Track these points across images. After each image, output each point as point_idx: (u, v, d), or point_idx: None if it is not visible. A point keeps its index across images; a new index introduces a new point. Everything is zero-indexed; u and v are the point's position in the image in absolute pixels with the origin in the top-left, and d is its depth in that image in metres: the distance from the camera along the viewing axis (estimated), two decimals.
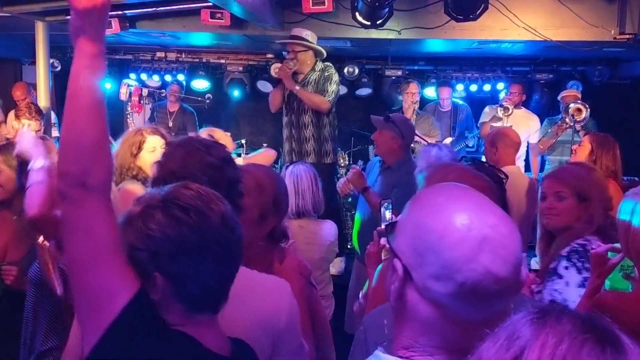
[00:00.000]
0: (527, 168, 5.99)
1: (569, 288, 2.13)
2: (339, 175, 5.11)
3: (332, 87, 4.76)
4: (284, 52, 4.97)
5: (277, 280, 1.64)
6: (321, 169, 4.76)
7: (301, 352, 1.63)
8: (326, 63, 4.97)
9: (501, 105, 5.59)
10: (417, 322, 0.90)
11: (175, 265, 1.14)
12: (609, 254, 2.00)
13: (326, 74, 4.80)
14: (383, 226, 2.73)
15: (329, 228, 3.17)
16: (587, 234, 2.23)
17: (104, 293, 1.11)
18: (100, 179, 1.15)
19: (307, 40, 4.78)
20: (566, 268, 2.17)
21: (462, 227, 0.86)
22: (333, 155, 4.98)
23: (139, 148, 2.84)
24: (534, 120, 5.97)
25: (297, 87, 4.74)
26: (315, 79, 4.81)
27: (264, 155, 4.15)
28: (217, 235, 1.16)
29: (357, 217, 3.81)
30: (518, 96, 5.90)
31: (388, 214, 2.81)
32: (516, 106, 5.79)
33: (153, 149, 2.83)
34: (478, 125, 6.14)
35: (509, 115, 5.45)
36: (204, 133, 3.60)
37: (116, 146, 2.89)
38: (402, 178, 3.48)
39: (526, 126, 5.74)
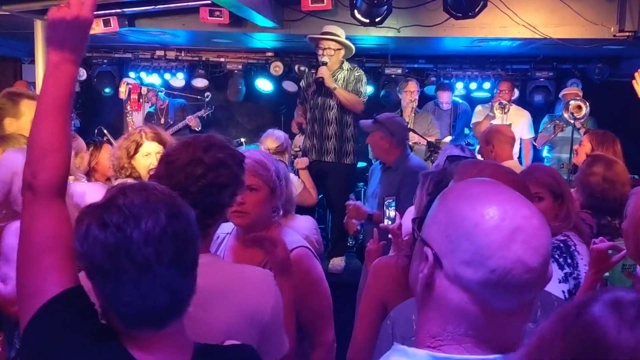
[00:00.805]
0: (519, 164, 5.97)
1: (551, 283, 2.14)
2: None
3: (365, 88, 4.75)
4: (318, 49, 4.81)
5: (262, 273, 1.63)
6: (340, 168, 4.76)
7: (282, 348, 1.63)
8: (352, 64, 4.90)
9: (501, 104, 5.57)
10: (446, 309, 0.91)
11: (94, 282, 1.10)
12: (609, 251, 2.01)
13: (356, 73, 4.73)
14: (386, 223, 2.73)
15: (304, 223, 3.03)
16: (565, 230, 2.28)
17: (32, 289, 1.17)
18: (46, 181, 1.20)
19: (341, 39, 4.70)
20: None
21: (497, 216, 0.88)
22: (353, 157, 4.85)
23: (135, 150, 2.91)
24: (526, 116, 5.96)
25: (335, 86, 4.63)
26: (345, 78, 4.71)
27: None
28: (134, 256, 1.05)
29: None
30: (508, 93, 5.89)
31: (392, 212, 2.81)
32: (508, 103, 5.78)
33: (147, 154, 2.90)
34: (471, 125, 6.13)
35: (507, 112, 5.44)
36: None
37: (119, 141, 3.00)
38: (405, 177, 3.48)
39: (519, 122, 5.73)
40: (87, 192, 2.59)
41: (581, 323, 0.73)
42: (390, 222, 2.71)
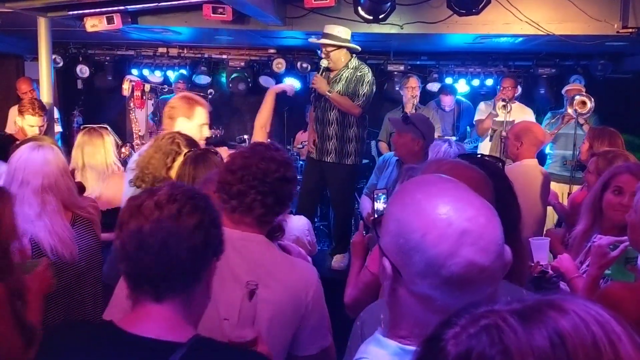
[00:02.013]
0: None
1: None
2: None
3: (364, 89, 4.53)
4: (318, 51, 4.77)
5: (306, 263, 1.88)
6: (340, 169, 4.70)
7: (324, 340, 1.78)
8: (360, 62, 4.77)
9: (504, 100, 5.56)
10: (410, 315, 0.94)
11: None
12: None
13: (359, 73, 4.57)
14: (375, 216, 2.74)
15: (296, 222, 3.04)
16: None
17: None
18: None
19: (339, 38, 4.57)
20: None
21: (441, 223, 0.89)
22: (355, 157, 4.72)
23: (174, 160, 2.78)
24: (529, 113, 5.94)
25: (329, 93, 4.56)
26: (348, 77, 4.58)
27: None
28: (127, 251, 1.19)
29: None
30: (511, 90, 5.87)
31: (380, 205, 2.81)
32: (510, 100, 5.78)
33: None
34: (474, 122, 6.11)
35: (509, 111, 5.43)
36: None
37: (146, 148, 2.88)
38: None
39: (521, 119, 5.71)
40: None
41: None
42: (377, 215, 2.73)
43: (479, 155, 2.14)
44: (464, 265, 0.87)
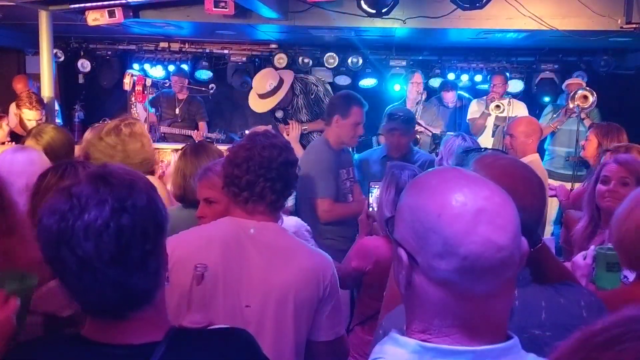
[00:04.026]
0: None
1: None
2: None
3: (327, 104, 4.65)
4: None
5: (319, 250, 1.94)
6: None
7: (339, 327, 1.85)
8: (299, 76, 4.83)
9: (498, 102, 5.57)
10: (429, 304, 0.92)
11: (50, 267, 1.08)
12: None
13: (311, 96, 4.67)
14: (373, 204, 2.78)
15: (289, 221, 3.05)
16: None
17: None
18: None
19: (275, 88, 4.63)
20: None
21: (457, 203, 0.89)
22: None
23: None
24: (522, 107, 5.94)
25: (304, 128, 4.67)
26: (303, 104, 4.68)
27: None
28: (73, 249, 1.00)
29: None
30: (502, 87, 5.92)
31: (373, 197, 2.87)
32: (501, 96, 5.81)
33: None
34: (467, 120, 6.10)
35: (502, 111, 5.47)
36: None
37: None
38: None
39: (522, 114, 5.71)
40: None
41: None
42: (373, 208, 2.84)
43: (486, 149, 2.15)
44: (481, 243, 0.86)
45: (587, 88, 5.16)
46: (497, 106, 5.52)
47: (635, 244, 1.70)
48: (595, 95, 4.95)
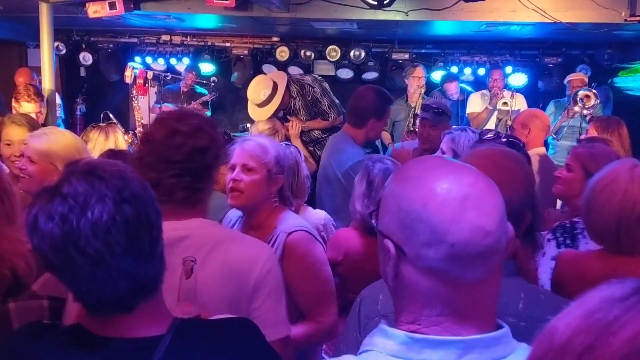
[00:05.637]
0: None
1: (544, 259, 2.25)
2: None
3: (325, 103, 4.60)
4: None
5: (261, 243, 1.73)
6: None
7: (275, 331, 1.58)
8: (295, 77, 4.79)
9: (504, 101, 5.56)
10: (418, 295, 0.91)
11: (53, 274, 1.06)
12: None
13: (309, 98, 4.60)
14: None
15: (313, 216, 2.91)
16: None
17: None
18: None
19: (271, 96, 4.56)
20: (548, 240, 2.31)
21: (442, 191, 0.88)
22: None
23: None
24: (523, 100, 5.91)
25: (304, 125, 4.64)
26: (300, 105, 4.65)
27: None
28: (84, 249, 0.98)
29: None
30: (501, 81, 5.96)
31: None
32: (501, 90, 5.85)
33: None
34: (466, 114, 6.06)
35: (509, 106, 5.46)
36: None
37: None
38: None
39: (517, 108, 5.69)
40: None
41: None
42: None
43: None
44: (469, 230, 0.86)
45: (588, 88, 5.14)
46: (505, 103, 5.53)
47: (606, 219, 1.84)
48: (598, 96, 4.92)
